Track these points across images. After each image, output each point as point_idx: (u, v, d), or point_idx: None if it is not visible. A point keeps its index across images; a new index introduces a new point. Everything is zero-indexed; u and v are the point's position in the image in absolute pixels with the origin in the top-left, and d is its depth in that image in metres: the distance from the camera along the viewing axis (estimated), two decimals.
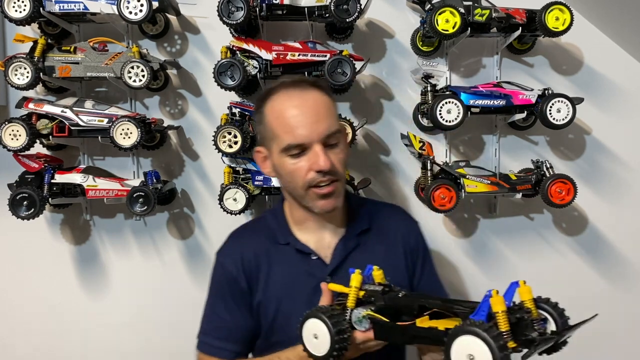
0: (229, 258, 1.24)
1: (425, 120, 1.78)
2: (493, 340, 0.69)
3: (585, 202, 1.88)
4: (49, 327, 1.84)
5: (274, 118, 1.14)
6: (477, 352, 0.69)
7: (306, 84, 1.17)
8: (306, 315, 0.94)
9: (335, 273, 1.19)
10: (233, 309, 1.22)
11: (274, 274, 1.21)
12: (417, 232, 1.34)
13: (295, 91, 1.15)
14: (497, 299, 0.75)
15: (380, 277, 1.00)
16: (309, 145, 1.11)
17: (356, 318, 0.93)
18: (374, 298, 0.95)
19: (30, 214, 1.56)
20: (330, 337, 0.89)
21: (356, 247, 1.23)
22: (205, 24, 1.78)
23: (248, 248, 1.23)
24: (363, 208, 1.30)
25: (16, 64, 1.54)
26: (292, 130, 1.10)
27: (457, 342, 0.72)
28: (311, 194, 1.14)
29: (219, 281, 1.24)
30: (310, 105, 1.13)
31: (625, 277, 1.93)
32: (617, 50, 1.86)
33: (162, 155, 1.81)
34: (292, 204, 1.24)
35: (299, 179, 1.13)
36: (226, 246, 1.29)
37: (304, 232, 1.24)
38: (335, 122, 1.15)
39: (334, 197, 1.15)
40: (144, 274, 1.83)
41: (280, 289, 1.20)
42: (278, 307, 1.20)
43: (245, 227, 1.34)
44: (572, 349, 2.04)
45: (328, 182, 1.13)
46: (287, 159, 1.13)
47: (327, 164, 1.10)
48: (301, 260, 1.21)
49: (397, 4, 1.81)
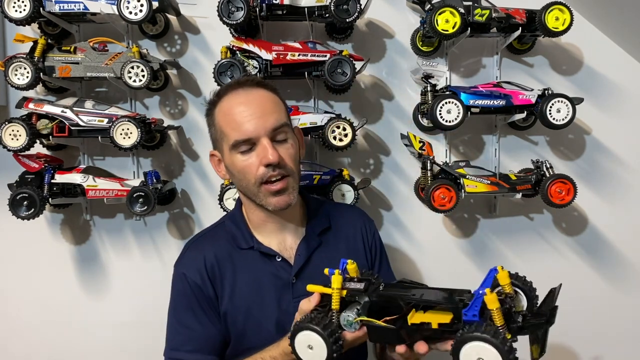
0: (191, 268, 1.20)
1: (425, 120, 1.78)
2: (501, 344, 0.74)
3: (585, 202, 1.88)
4: (49, 327, 1.84)
5: (221, 117, 1.16)
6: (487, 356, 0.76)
7: (251, 82, 1.19)
8: (295, 329, 0.93)
9: (300, 273, 1.20)
10: (203, 319, 1.18)
11: (240, 280, 1.19)
12: (374, 229, 1.38)
13: (240, 90, 1.17)
14: (491, 297, 0.79)
15: (355, 271, 1.01)
16: (257, 140, 1.12)
17: (345, 321, 0.93)
18: (357, 297, 0.95)
19: (30, 214, 1.56)
20: (326, 344, 0.90)
21: (318, 246, 1.24)
22: (205, 24, 1.78)
23: (210, 255, 1.21)
24: (321, 208, 1.32)
25: (16, 64, 1.54)
26: (238, 127, 1.12)
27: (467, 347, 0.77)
28: (263, 191, 1.14)
29: (184, 293, 1.20)
30: (255, 101, 1.15)
31: (625, 277, 1.93)
32: (617, 50, 1.86)
33: (162, 155, 1.81)
34: (249, 207, 1.24)
35: (250, 175, 1.14)
36: (185, 256, 1.25)
37: (265, 235, 1.23)
38: (282, 117, 1.17)
39: (286, 193, 1.16)
40: (144, 274, 1.83)
41: (248, 294, 1.19)
42: (247, 313, 1.18)
43: (202, 236, 1.31)
44: (572, 348, 2.06)
45: (279, 177, 1.14)
46: (238, 156, 1.14)
47: (275, 156, 1.11)
48: (266, 263, 1.20)
49: (397, 4, 1.81)
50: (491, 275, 0.85)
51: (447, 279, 1.87)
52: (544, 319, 0.83)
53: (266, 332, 1.17)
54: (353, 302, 0.96)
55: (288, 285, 1.19)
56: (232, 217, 1.29)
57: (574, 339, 1.93)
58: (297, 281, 1.19)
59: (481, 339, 0.75)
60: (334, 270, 0.96)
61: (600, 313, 1.93)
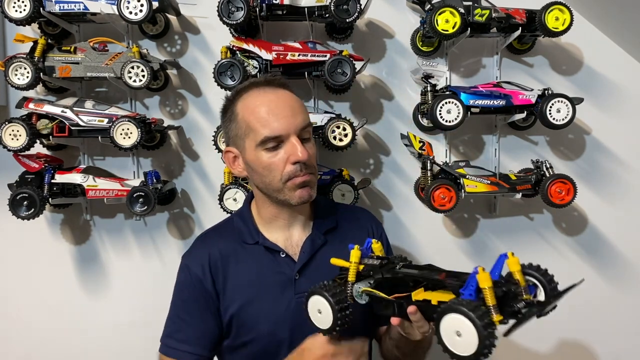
0: (195, 261, 1.23)
1: (425, 120, 1.78)
2: (478, 319, 0.74)
3: (585, 202, 1.88)
4: (49, 327, 1.84)
5: (248, 113, 1.16)
6: (463, 329, 0.75)
7: (277, 83, 1.21)
8: (310, 292, 1.00)
9: (303, 270, 1.21)
10: (197, 313, 1.20)
11: (243, 273, 1.21)
12: (381, 231, 1.38)
13: (268, 88, 1.18)
14: (483, 276, 0.79)
15: (379, 250, 1.05)
16: (286, 137, 1.14)
17: (356, 292, 0.99)
18: (372, 272, 0.99)
19: (30, 214, 1.56)
20: (332, 312, 0.96)
21: (324, 245, 1.25)
22: (205, 24, 1.78)
23: (215, 249, 1.23)
24: (329, 208, 1.35)
25: (16, 64, 1.54)
26: (269, 123, 1.13)
27: (446, 319, 0.77)
28: (289, 186, 1.16)
29: (184, 284, 1.23)
30: (284, 99, 1.17)
31: (625, 277, 1.93)
32: (617, 50, 1.86)
33: (162, 155, 1.81)
34: (262, 202, 1.25)
35: (276, 172, 1.15)
36: (192, 249, 1.28)
37: (272, 231, 1.25)
38: (308, 117, 1.19)
39: (310, 186, 1.18)
40: (144, 274, 1.83)
41: (250, 287, 1.20)
42: (247, 305, 1.20)
43: (211, 231, 1.34)
44: (572, 348, 2.06)
45: (304, 173, 1.16)
46: (263, 153, 1.15)
47: (305, 154, 1.13)
48: (270, 258, 1.22)
49: (397, 4, 1.81)
50: (500, 261, 0.84)
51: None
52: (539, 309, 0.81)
53: (265, 326, 1.18)
54: (368, 276, 1.01)
55: (291, 281, 1.20)
56: (240, 213, 1.31)
57: (574, 339, 1.94)
58: (300, 277, 1.20)
59: (460, 312, 0.75)
60: (353, 245, 1.01)
61: (600, 313, 1.93)
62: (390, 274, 0.97)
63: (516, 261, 0.83)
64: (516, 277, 0.83)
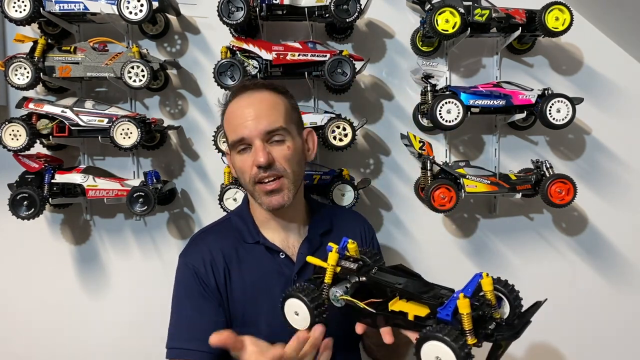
0: (195, 257, 1.23)
1: (425, 120, 1.78)
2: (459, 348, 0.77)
3: (585, 202, 1.88)
4: (49, 326, 1.84)
5: (225, 119, 1.24)
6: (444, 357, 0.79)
7: (258, 85, 1.23)
8: (286, 294, 1.01)
9: (301, 272, 1.22)
10: (202, 308, 1.19)
11: (244, 273, 1.22)
12: (373, 234, 1.42)
13: (245, 92, 1.22)
14: (463, 302, 0.82)
15: (354, 250, 1.05)
16: (251, 141, 1.16)
17: (333, 296, 0.99)
18: (349, 276, 1.01)
19: (30, 214, 1.56)
20: (310, 314, 0.97)
21: (319, 247, 1.26)
22: (205, 24, 1.78)
23: (216, 248, 1.23)
24: (323, 211, 1.36)
25: (16, 64, 1.54)
26: (235, 128, 1.18)
27: (427, 345, 0.80)
28: (258, 190, 1.19)
29: (186, 281, 1.22)
30: (254, 103, 1.19)
31: (625, 277, 1.93)
32: (617, 50, 1.86)
33: (162, 155, 1.81)
34: (253, 205, 1.28)
35: (245, 174, 1.19)
36: (190, 248, 1.29)
37: (269, 232, 1.27)
38: (279, 119, 1.19)
39: (280, 194, 1.18)
40: (144, 274, 1.83)
41: (251, 287, 1.21)
42: (248, 305, 1.20)
43: (208, 230, 1.34)
44: (572, 348, 2.05)
45: (272, 178, 1.17)
46: (237, 156, 1.21)
47: (264, 158, 1.14)
48: (270, 258, 1.23)
49: (397, 4, 1.81)
50: (475, 280, 0.88)
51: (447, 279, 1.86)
52: (513, 331, 0.85)
53: (265, 326, 1.19)
54: (345, 279, 1.02)
55: (290, 281, 1.21)
56: (239, 212, 1.33)
57: (574, 339, 1.93)
58: (299, 278, 1.21)
59: (441, 340, 0.78)
60: (332, 247, 1.02)
61: (600, 313, 1.93)
62: (367, 278, 0.99)
63: (490, 281, 0.87)
64: (488, 296, 0.87)
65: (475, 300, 0.86)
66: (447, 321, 0.84)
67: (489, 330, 0.85)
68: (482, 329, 0.84)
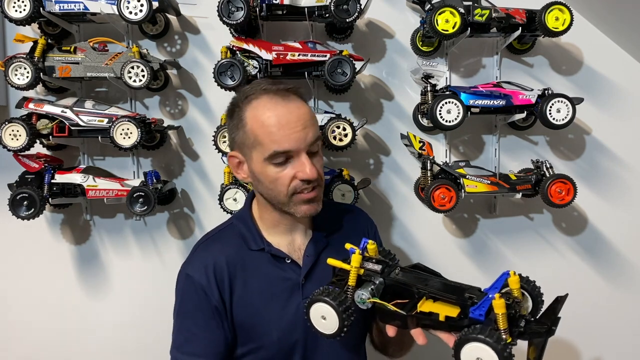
0: (198, 270, 1.18)
1: (425, 120, 1.78)
2: (502, 349, 0.78)
3: (585, 202, 1.88)
4: (49, 326, 1.84)
5: (257, 126, 1.12)
6: (485, 357, 0.79)
7: (288, 92, 1.16)
8: (311, 299, 1.00)
9: (309, 275, 1.20)
10: (202, 323, 1.16)
11: (252, 282, 1.19)
12: (375, 230, 1.40)
13: (279, 99, 1.13)
14: (499, 302, 0.82)
15: (374, 251, 1.05)
16: (295, 153, 1.11)
17: (359, 299, 0.98)
18: (373, 277, 1.00)
19: (30, 214, 1.56)
20: (338, 318, 0.96)
21: (325, 247, 1.24)
22: (205, 24, 1.78)
23: (220, 257, 1.19)
24: (326, 209, 1.29)
25: (16, 64, 1.54)
26: (279, 139, 1.09)
27: (467, 346, 0.81)
28: (295, 200, 1.14)
29: (188, 295, 1.18)
30: (295, 114, 1.12)
31: (625, 277, 1.93)
32: (617, 50, 1.86)
33: (162, 155, 1.81)
34: (265, 208, 1.22)
35: (282, 186, 1.13)
36: (194, 258, 1.23)
37: (275, 236, 1.23)
38: (317, 130, 1.16)
39: (316, 202, 1.17)
40: (144, 274, 1.83)
41: (259, 296, 1.18)
42: (257, 314, 1.18)
43: (211, 237, 1.28)
44: (572, 348, 2.05)
45: (311, 189, 1.14)
46: (271, 167, 1.12)
47: (314, 173, 1.11)
48: (276, 265, 1.20)
49: (397, 4, 1.81)
50: (503, 278, 0.88)
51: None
52: (545, 328, 0.86)
53: (275, 333, 1.17)
54: (368, 281, 1.01)
55: (297, 286, 1.19)
56: (241, 217, 1.28)
57: (574, 339, 1.94)
58: (306, 282, 1.19)
59: (483, 342, 0.79)
60: (354, 249, 1.01)
61: (600, 313, 1.93)
62: (391, 281, 0.98)
63: (517, 280, 0.88)
64: (515, 294, 0.88)
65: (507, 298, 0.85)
66: (480, 321, 0.84)
67: (521, 328, 0.85)
68: (515, 327, 0.85)
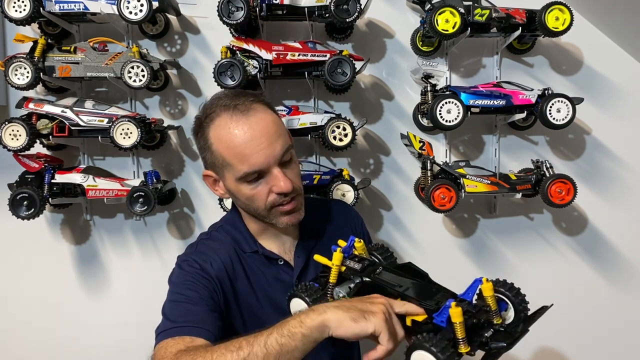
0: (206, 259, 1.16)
1: (425, 120, 1.78)
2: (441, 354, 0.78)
3: (585, 202, 1.88)
4: (49, 326, 1.84)
5: (223, 148, 1.09)
6: None
7: (248, 103, 1.10)
8: (291, 294, 1.01)
9: (301, 276, 1.21)
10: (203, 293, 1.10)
11: (245, 283, 1.19)
12: (361, 222, 1.40)
13: (239, 116, 1.08)
14: (455, 311, 0.81)
15: (362, 249, 1.05)
16: (267, 169, 1.09)
17: (337, 296, 1.00)
18: (352, 276, 1.00)
19: (30, 214, 1.56)
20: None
21: (315, 246, 1.25)
22: (205, 24, 1.78)
23: (224, 254, 1.18)
24: (311, 206, 1.27)
25: (16, 64, 1.54)
26: (247, 159, 1.07)
27: (415, 354, 0.80)
28: (274, 212, 1.14)
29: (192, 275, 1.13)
30: (259, 129, 1.08)
31: (625, 277, 1.93)
32: (617, 50, 1.86)
33: (162, 155, 1.81)
34: (248, 219, 1.23)
35: (259, 202, 1.12)
36: (198, 250, 1.21)
37: (265, 240, 1.23)
38: (285, 138, 1.13)
39: (297, 212, 1.16)
40: (144, 274, 1.83)
41: (255, 297, 1.19)
42: (252, 315, 1.18)
43: (209, 237, 1.26)
44: (572, 348, 2.05)
45: (289, 200, 1.13)
46: (245, 185, 1.11)
47: (288, 185, 1.09)
48: (270, 266, 1.21)
49: (397, 4, 1.81)
50: (475, 285, 0.87)
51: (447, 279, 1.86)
52: (507, 342, 0.83)
53: None
54: (349, 279, 1.01)
55: (291, 287, 1.19)
56: (231, 221, 1.27)
57: (574, 339, 1.93)
58: (299, 283, 1.18)
59: (428, 350, 0.78)
60: (336, 247, 1.01)
61: (600, 313, 1.93)
62: (370, 279, 0.98)
63: (490, 287, 0.86)
64: (488, 302, 0.86)
65: (472, 307, 0.84)
66: (442, 327, 0.83)
67: (484, 338, 0.83)
68: (477, 336, 0.83)
